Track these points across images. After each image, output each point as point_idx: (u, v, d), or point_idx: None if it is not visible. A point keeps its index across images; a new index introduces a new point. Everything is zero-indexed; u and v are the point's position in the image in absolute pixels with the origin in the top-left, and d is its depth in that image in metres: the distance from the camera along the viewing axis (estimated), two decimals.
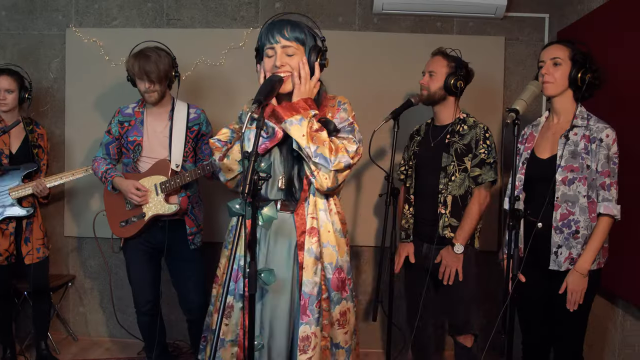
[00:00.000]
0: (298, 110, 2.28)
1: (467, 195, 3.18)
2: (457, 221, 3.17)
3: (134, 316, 3.73)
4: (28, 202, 3.77)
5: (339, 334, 2.42)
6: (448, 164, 3.18)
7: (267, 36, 2.33)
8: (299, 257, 2.36)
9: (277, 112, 2.28)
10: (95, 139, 4.23)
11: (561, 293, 2.71)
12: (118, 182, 3.44)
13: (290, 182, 2.39)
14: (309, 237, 2.36)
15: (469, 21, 4.21)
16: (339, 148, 2.31)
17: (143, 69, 3.30)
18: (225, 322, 2.42)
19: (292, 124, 2.26)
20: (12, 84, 3.70)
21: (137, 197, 3.38)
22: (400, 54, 4.10)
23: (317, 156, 2.27)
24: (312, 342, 2.31)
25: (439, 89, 3.21)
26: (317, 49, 2.36)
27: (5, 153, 3.70)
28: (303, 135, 2.25)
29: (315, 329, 2.32)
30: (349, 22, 4.26)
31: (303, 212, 2.38)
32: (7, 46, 4.42)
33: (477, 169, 3.14)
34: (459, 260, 3.13)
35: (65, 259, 4.54)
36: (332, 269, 2.40)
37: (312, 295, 2.32)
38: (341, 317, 2.42)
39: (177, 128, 3.49)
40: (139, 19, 4.35)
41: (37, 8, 4.40)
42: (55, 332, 4.46)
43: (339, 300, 2.41)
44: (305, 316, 2.31)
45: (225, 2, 4.30)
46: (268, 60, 2.34)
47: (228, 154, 2.42)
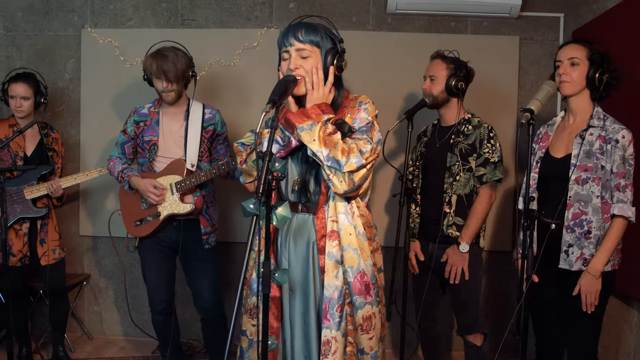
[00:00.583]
0: (309, 116, 2.26)
1: (472, 195, 3.19)
2: (462, 220, 3.18)
3: (148, 315, 3.75)
4: (42, 203, 3.80)
5: (364, 339, 2.37)
6: (453, 163, 3.19)
7: (282, 39, 2.33)
8: (319, 260, 2.35)
9: (289, 119, 2.27)
10: (110, 139, 4.26)
11: (574, 295, 2.70)
12: (135, 182, 3.46)
13: (305, 184, 2.39)
14: (330, 240, 2.34)
15: (484, 21, 4.19)
16: (352, 149, 2.27)
17: (161, 69, 3.31)
18: (253, 323, 2.42)
19: (303, 129, 2.24)
20: (28, 91, 3.73)
21: (155, 197, 3.40)
22: (414, 53, 4.08)
23: (330, 160, 2.23)
24: (332, 347, 2.28)
25: (441, 92, 3.22)
26: (333, 51, 2.33)
27: (20, 155, 3.74)
28: (314, 140, 2.23)
29: (335, 334, 2.29)
30: (362, 22, 4.26)
31: (323, 216, 2.36)
32: (23, 47, 4.46)
33: (481, 168, 3.15)
34: (464, 259, 3.14)
35: (80, 258, 4.58)
36: (354, 272, 2.34)
37: (332, 299, 2.30)
38: (364, 322, 2.37)
39: (193, 128, 3.51)
40: (154, 19, 4.37)
41: (52, 9, 4.44)
42: (71, 330, 4.49)
43: (361, 305, 2.35)
44: (326, 320, 2.29)
45: (240, 2, 4.31)
46: (284, 63, 2.33)
47: (247, 159, 2.43)
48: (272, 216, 2.02)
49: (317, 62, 2.32)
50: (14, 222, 3.71)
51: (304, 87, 2.31)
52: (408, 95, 4.10)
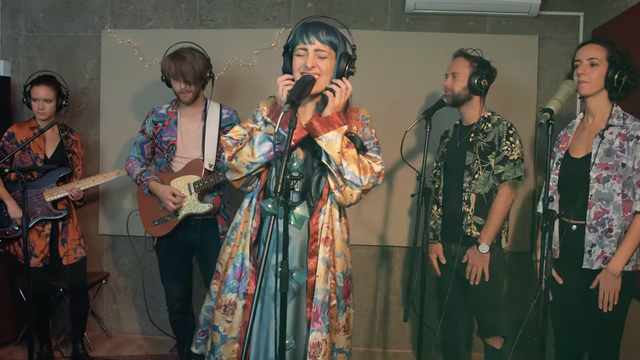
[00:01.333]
0: (333, 126, 2.26)
1: (492, 194, 3.16)
2: (482, 219, 3.15)
3: (166, 314, 3.77)
4: (63, 205, 3.84)
5: (343, 339, 2.46)
6: (472, 162, 3.16)
7: (301, 35, 2.31)
8: (308, 263, 2.37)
9: (314, 126, 2.26)
10: (129, 139, 4.29)
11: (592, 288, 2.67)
12: (154, 187, 3.48)
13: (307, 187, 2.40)
14: (324, 245, 2.37)
15: (502, 20, 4.17)
16: (367, 168, 2.32)
17: (179, 70, 3.33)
18: (227, 319, 2.44)
19: (329, 140, 2.25)
20: (50, 94, 3.77)
21: (173, 205, 3.42)
22: (433, 53, 4.06)
23: (349, 174, 2.27)
24: (322, 349, 2.32)
25: (463, 90, 3.20)
26: (347, 56, 2.34)
27: (40, 157, 3.78)
28: (338, 153, 2.25)
29: (325, 336, 2.33)
30: (380, 21, 4.25)
31: (317, 220, 2.39)
32: (44, 48, 4.51)
33: (500, 167, 3.12)
34: (485, 260, 3.10)
35: (99, 257, 4.62)
36: (343, 277, 2.44)
37: (324, 303, 2.34)
38: (346, 323, 2.48)
39: (210, 128, 3.52)
40: (173, 20, 4.40)
41: (73, 10, 4.48)
42: (90, 328, 4.52)
43: (345, 308, 2.45)
44: (317, 323, 2.32)
45: (257, 2, 4.32)
46: (298, 59, 2.33)
47: (237, 155, 2.41)
48: (290, 216, 2.03)
49: (332, 64, 2.34)
50: (36, 223, 3.75)
51: (317, 86, 2.31)
52: (427, 95, 4.09)
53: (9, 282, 4.22)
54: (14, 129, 3.80)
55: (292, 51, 2.37)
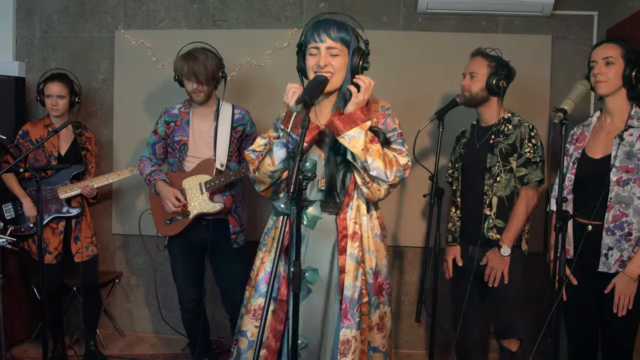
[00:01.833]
0: (356, 122, 2.24)
1: (513, 196, 3.12)
2: (503, 222, 3.11)
3: (178, 313, 3.79)
4: (76, 202, 3.87)
5: (378, 337, 2.42)
6: (493, 164, 3.12)
7: (312, 34, 2.31)
8: (339, 260, 2.36)
9: (336, 124, 2.24)
10: (142, 138, 4.31)
11: (607, 293, 2.65)
12: (160, 187, 3.50)
13: (332, 185, 2.38)
14: (352, 241, 2.36)
15: (515, 20, 4.14)
16: (392, 162, 2.30)
17: (192, 70, 3.35)
18: (255, 324, 2.43)
19: (352, 137, 2.23)
20: (64, 90, 3.80)
21: (174, 207, 3.43)
22: (445, 53, 4.06)
23: (374, 170, 2.25)
24: (352, 346, 2.30)
25: (481, 90, 3.16)
26: (360, 51, 2.33)
27: (55, 155, 3.82)
28: (362, 150, 2.23)
29: (355, 333, 2.31)
30: (393, 21, 4.24)
31: (345, 216, 2.38)
32: (58, 48, 4.55)
33: (522, 169, 3.08)
34: (505, 262, 3.08)
35: (112, 256, 4.64)
36: (373, 273, 2.40)
37: (353, 300, 2.32)
38: (380, 321, 2.43)
39: (222, 128, 3.53)
40: (185, 20, 4.41)
41: (87, 11, 4.51)
42: (103, 327, 4.56)
43: (377, 305, 2.41)
44: (346, 320, 2.31)
45: (270, 2, 4.33)
46: (311, 59, 2.33)
47: (259, 167, 2.42)
48: (303, 216, 2.03)
49: (345, 61, 2.33)
50: (50, 221, 3.79)
51: (330, 85, 2.31)
52: (439, 95, 4.07)
53: (24, 280, 4.25)
54: (28, 127, 3.85)
55: (305, 50, 2.37)
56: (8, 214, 3.81)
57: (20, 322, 4.26)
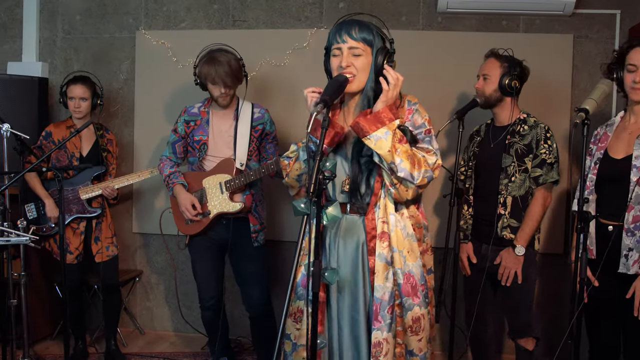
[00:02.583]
0: (383, 122, 2.18)
1: (527, 196, 3.13)
2: (517, 222, 3.12)
3: (198, 311, 3.81)
4: (97, 203, 3.91)
5: (413, 340, 2.35)
6: (508, 164, 3.13)
7: (334, 35, 2.29)
8: (369, 261, 2.34)
9: (361, 125, 2.18)
10: (162, 138, 4.35)
11: (628, 298, 2.62)
12: (177, 192, 3.54)
13: (355, 185, 2.35)
14: (380, 241, 2.32)
15: (536, 19, 4.11)
16: (421, 162, 2.24)
17: (220, 76, 3.34)
18: (297, 327, 2.43)
19: (378, 138, 2.17)
20: (86, 92, 3.85)
21: (189, 214, 3.47)
22: (465, 53, 4.03)
23: (402, 171, 2.19)
24: (384, 348, 2.27)
25: (494, 91, 3.16)
26: (384, 50, 2.29)
27: (76, 156, 3.86)
28: (389, 151, 2.17)
29: (387, 335, 2.28)
30: (412, 21, 4.23)
31: (373, 216, 2.34)
32: (81, 49, 4.60)
33: (538, 170, 3.08)
34: (519, 262, 3.08)
35: (133, 255, 4.69)
36: (403, 273, 2.33)
37: (383, 301, 2.29)
38: (414, 323, 2.35)
39: (242, 127, 3.54)
40: (206, 20, 4.44)
41: (108, 12, 4.56)
42: (124, 325, 4.60)
43: (411, 306, 2.33)
44: (377, 322, 2.28)
45: (290, 2, 4.34)
46: (334, 60, 2.31)
47: (289, 173, 2.44)
48: (323, 216, 2.02)
49: (368, 61, 2.31)
50: (71, 221, 3.83)
51: (353, 85, 2.28)
52: (459, 95, 4.06)
53: (46, 278, 4.31)
54: (51, 128, 3.90)
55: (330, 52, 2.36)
56: (30, 213, 3.86)
57: (43, 319, 4.32)
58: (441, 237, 4.14)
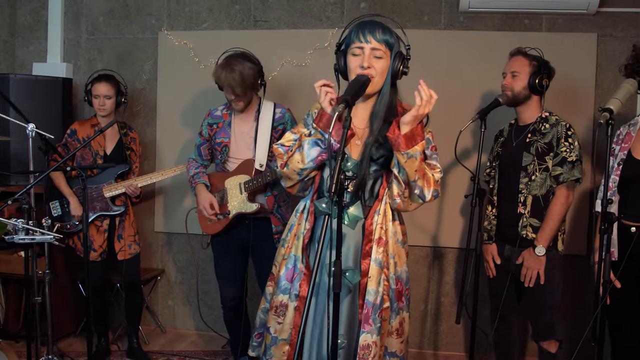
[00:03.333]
0: (416, 140, 2.18)
1: (548, 195, 3.10)
2: (538, 221, 3.09)
3: (219, 310, 3.83)
4: (120, 201, 3.95)
5: (396, 343, 2.41)
6: (528, 163, 3.11)
7: (357, 34, 2.28)
8: (362, 264, 2.34)
9: (399, 141, 2.17)
10: (184, 137, 4.38)
11: None
12: (198, 191, 3.58)
13: (361, 187, 2.35)
14: (377, 246, 2.34)
15: (559, 18, 4.07)
16: (430, 181, 2.27)
17: (229, 84, 3.35)
18: (278, 321, 2.43)
19: (410, 156, 2.18)
20: (111, 90, 3.89)
21: (207, 214, 3.51)
22: (487, 52, 4.01)
23: (418, 188, 2.24)
24: (372, 351, 2.29)
25: (523, 89, 3.14)
26: (402, 56, 2.30)
27: (101, 154, 3.91)
28: (416, 171, 2.21)
29: (376, 338, 2.30)
30: (434, 21, 4.22)
31: (372, 221, 2.36)
32: (104, 50, 4.65)
33: (558, 168, 3.05)
34: (540, 262, 3.05)
35: (155, 254, 4.72)
36: (395, 278, 2.39)
37: (375, 304, 2.30)
38: (400, 326, 2.41)
39: (263, 128, 3.56)
40: (227, 21, 4.46)
41: (132, 13, 4.60)
42: (145, 323, 4.65)
43: (398, 310, 2.40)
44: (367, 325, 2.29)
45: (311, 2, 4.35)
46: (354, 59, 2.30)
47: (288, 163, 2.39)
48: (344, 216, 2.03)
49: (387, 64, 2.30)
50: (95, 218, 3.88)
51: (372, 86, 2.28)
52: (481, 94, 4.04)
53: (69, 276, 4.36)
54: (76, 126, 3.95)
55: (346, 50, 2.35)
56: (55, 211, 3.91)
57: (66, 317, 4.37)
58: (464, 238, 4.13)
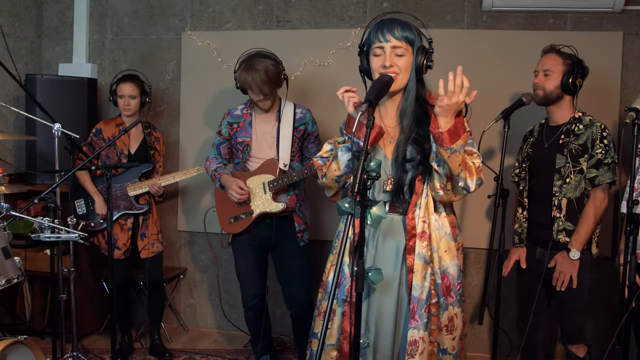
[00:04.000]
0: (459, 134, 2.15)
1: (583, 198, 3.03)
2: (572, 225, 3.03)
3: (241, 309, 3.84)
4: (144, 200, 3.99)
5: (447, 339, 2.37)
6: (562, 165, 3.05)
7: (376, 34, 2.28)
8: (407, 260, 2.34)
9: (443, 137, 2.14)
10: (207, 137, 4.41)
11: None
12: (225, 180, 3.56)
13: (400, 186, 2.36)
14: (420, 240, 2.32)
15: (584, 16, 4.02)
16: (472, 170, 2.25)
17: (257, 84, 3.35)
18: (328, 327, 2.44)
19: (454, 151, 2.15)
20: (135, 90, 3.93)
21: (237, 195, 3.47)
22: (511, 51, 3.98)
23: (462, 181, 2.22)
24: (419, 347, 2.28)
25: (556, 88, 3.08)
26: (424, 50, 2.30)
27: (125, 153, 3.95)
28: (459, 165, 2.18)
29: (423, 334, 2.29)
30: (457, 20, 4.19)
31: (413, 215, 2.34)
32: (129, 50, 4.70)
33: (593, 170, 2.99)
34: (574, 266, 2.99)
35: (177, 253, 4.76)
36: (441, 273, 2.36)
37: (421, 300, 2.29)
38: (449, 322, 2.38)
39: (284, 128, 3.57)
40: (250, 21, 4.48)
41: (155, 14, 4.64)
42: (168, 321, 4.68)
43: (446, 306, 2.36)
44: (413, 320, 2.29)
45: (333, 2, 4.35)
46: (376, 59, 2.31)
47: (326, 173, 2.42)
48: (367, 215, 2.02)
49: (410, 60, 2.30)
50: (119, 217, 3.92)
51: (396, 84, 2.28)
52: (505, 94, 4.00)
53: (94, 274, 4.41)
54: (101, 126, 4.00)
55: (367, 50, 2.36)
56: (80, 209, 3.97)
57: (90, 314, 4.42)
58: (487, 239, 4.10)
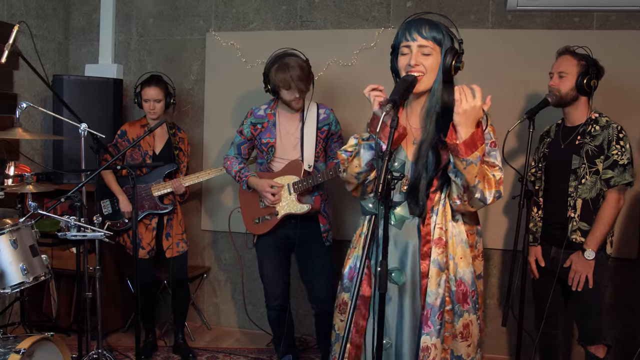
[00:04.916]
0: (476, 145, 2.12)
1: (598, 199, 3.02)
2: (587, 225, 3.02)
3: (263, 308, 3.85)
4: (169, 200, 4.02)
5: (462, 346, 2.34)
6: (578, 166, 3.03)
7: (404, 33, 2.27)
8: (421, 266, 2.32)
9: (459, 148, 2.12)
10: (230, 137, 4.41)
11: None
12: (253, 182, 3.56)
13: (415, 188, 2.33)
14: (436, 247, 2.29)
15: (611, 15, 3.97)
16: (491, 182, 2.22)
17: (295, 81, 3.36)
18: (340, 318, 2.45)
19: (470, 163, 2.13)
20: (160, 94, 3.96)
21: (271, 197, 3.49)
22: (536, 51, 3.93)
23: (479, 192, 2.19)
24: (431, 354, 2.25)
25: (571, 90, 3.06)
26: (453, 51, 2.25)
27: (150, 154, 3.99)
28: (475, 176, 2.16)
29: (435, 341, 2.26)
30: (481, 20, 4.16)
31: (429, 221, 2.32)
32: (153, 51, 4.75)
33: (609, 171, 2.97)
34: (589, 266, 2.98)
35: (201, 252, 4.79)
36: (456, 280, 2.33)
37: (434, 306, 2.27)
38: (464, 329, 2.34)
39: (309, 129, 3.57)
40: (274, 21, 4.50)
41: (180, 15, 4.68)
42: (191, 320, 4.72)
43: (461, 313, 2.33)
44: (426, 327, 2.26)
45: (357, 2, 4.34)
46: (402, 58, 2.29)
47: (347, 168, 2.40)
48: (390, 216, 2.02)
49: (437, 60, 2.26)
50: (143, 217, 3.96)
51: (421, 84, 2.25)
52: (530, 94, 3.97)
53: (118, 273, 4.47)
54: (126, 127, 4.04)
55: (397, 50, 2.34)
56: (106, 209, 4.01)
57: (115, 312, 4.48)
58: (509, 239, 4.08)
